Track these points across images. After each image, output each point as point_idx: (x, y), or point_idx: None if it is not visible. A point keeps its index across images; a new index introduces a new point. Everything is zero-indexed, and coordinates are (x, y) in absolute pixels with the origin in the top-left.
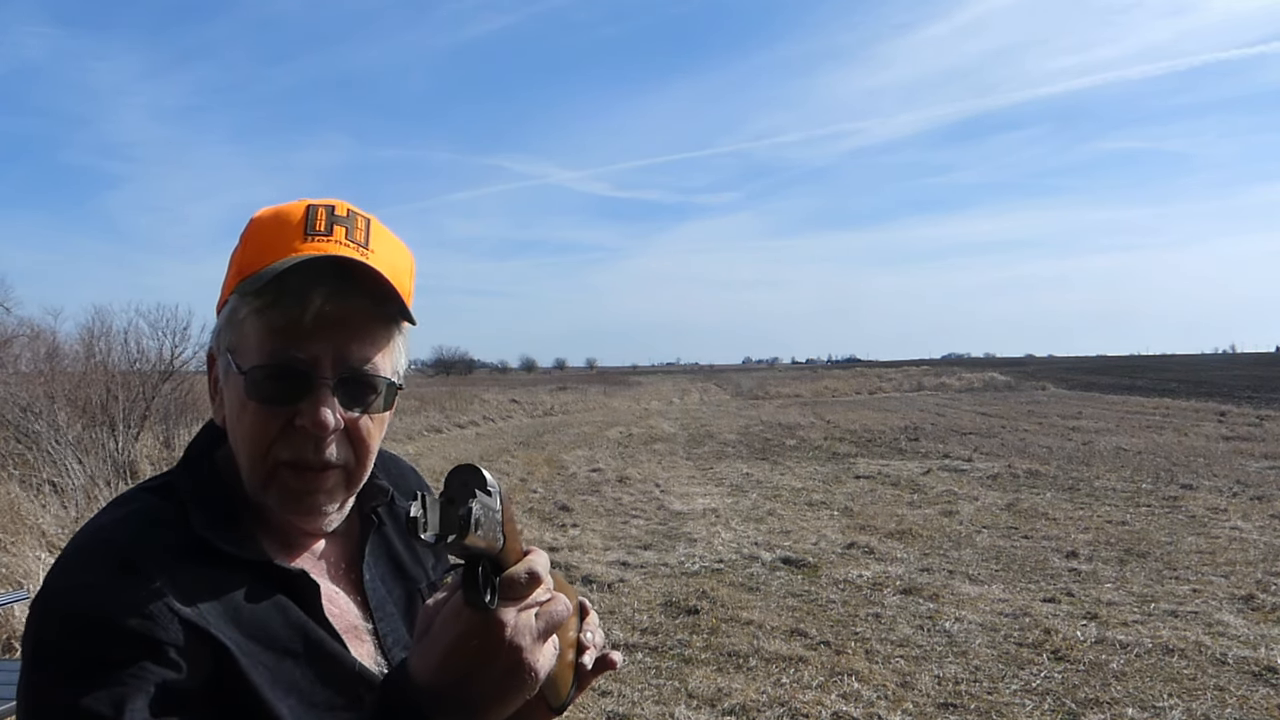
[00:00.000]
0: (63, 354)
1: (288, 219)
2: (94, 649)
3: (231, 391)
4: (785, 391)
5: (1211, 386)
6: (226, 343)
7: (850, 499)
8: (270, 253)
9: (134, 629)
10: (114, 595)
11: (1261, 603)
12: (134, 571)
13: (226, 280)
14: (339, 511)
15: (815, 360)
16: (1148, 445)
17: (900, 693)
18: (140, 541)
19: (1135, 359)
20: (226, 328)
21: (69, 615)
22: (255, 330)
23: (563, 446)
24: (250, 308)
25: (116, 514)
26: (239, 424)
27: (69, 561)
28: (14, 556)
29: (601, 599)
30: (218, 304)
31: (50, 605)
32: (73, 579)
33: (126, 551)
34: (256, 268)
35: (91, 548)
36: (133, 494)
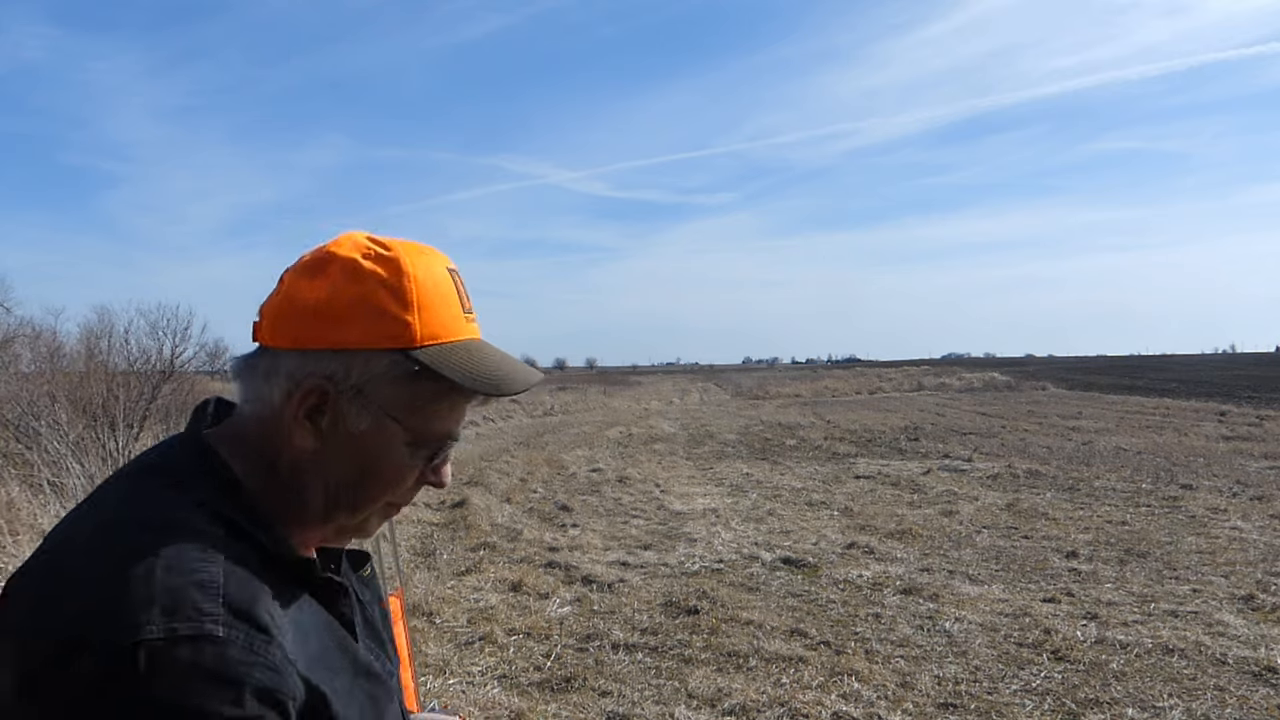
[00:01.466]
0: (63, 354)
1: (443, 285)
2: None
3: (379, 439)
4: (785, 391)
5: (1211, 386)
6: (386, 399)
7: (850, 499)
8: (448, 330)
9: (270, 689)
10: (253, 652)
11: (1261, 603)
12: (254, 622)
13: (362, 320)
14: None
15: (815, 360)
16: (1148, 445)
17: (900, 693)
18: (243, 584)
19: (1135, 359)
20: (391, 385)
21: (213, 676)
22: (443, 407)
23: (563, 446)
24: (444, 387)
25: (183, 541)
26: (374, 467)
27: (168, 604)
28: (14, 557)
29: (601, 599)
30: (332, 336)
31: (181, 662)
32: (192, 628)
33: (236, 598)
34: (442, 340)
35: (191, 589)
36: (168, 508)
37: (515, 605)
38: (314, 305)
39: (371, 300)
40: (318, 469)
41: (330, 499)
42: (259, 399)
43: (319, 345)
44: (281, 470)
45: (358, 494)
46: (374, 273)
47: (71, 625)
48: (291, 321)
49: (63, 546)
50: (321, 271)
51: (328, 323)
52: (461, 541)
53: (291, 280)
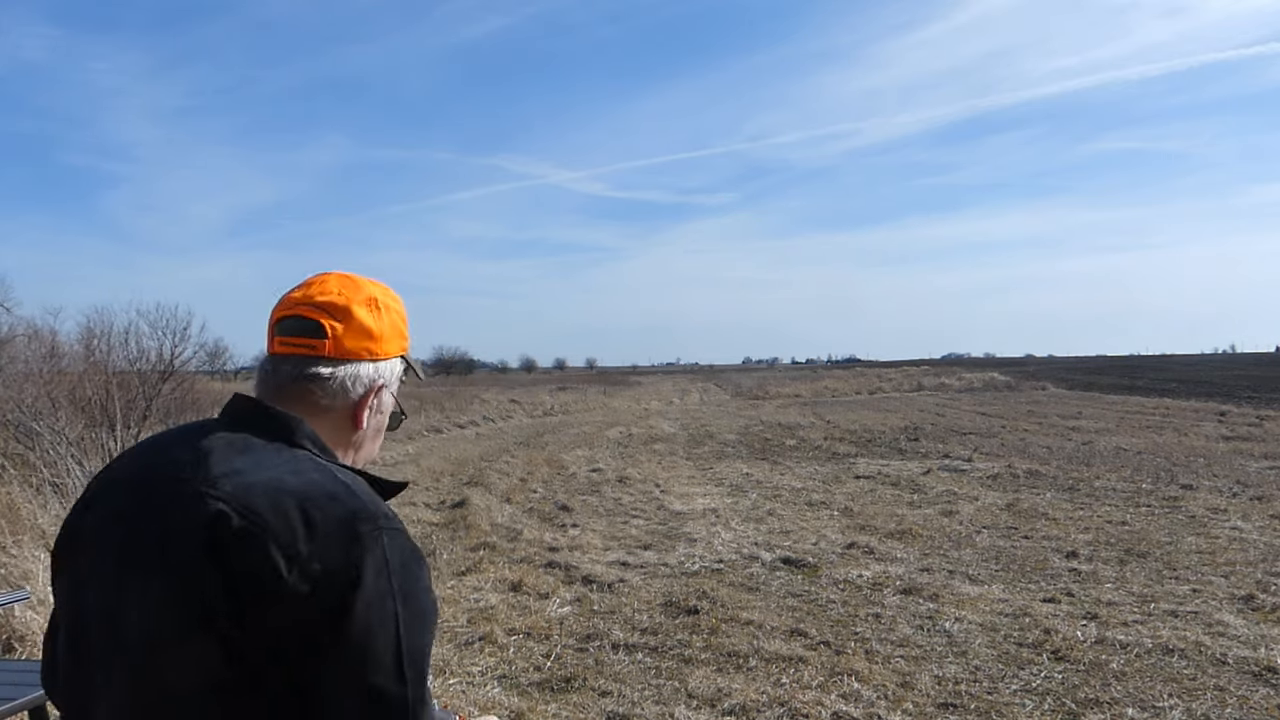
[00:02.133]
0: (62, 354)
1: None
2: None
3: (386, 414)
4: (785, 391)
5: (1211, 386)
6: (395, 386)
7: (850, 499)
8: (407, 342)
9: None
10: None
11: (1261, 603)
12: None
13: (394, 340)
14: None
15: (815, 360)
16: (1148, 445)
17: (900, 693)
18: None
19: (1135, 359)
20: (399, 380)
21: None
22: (400, 388)
23: (563, 446)
24: (409, 377)
25: (357, 480)
26: (381, 429)
27: (384, 507)
28: (14, 557)
29: (601, 599)
30: (383, 351)
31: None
32: (398, 525)
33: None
34: (408, 348)
35: (380, 504)
36: (316, 463)
37: (515, 605)
38: (380, 331)
39: (398, 326)
40: (360, 437)
41: (355, 452)
42: (343, 396)
43: (380, 357)
44: (340, 438)
45: (371, 447)
46: (397, 309)
47: (360, 513)
48: (367, 342)
49: (279, 476)
50: (379, 308)
51: (383, 342)
52: (461, 541)
53: (356, 313)
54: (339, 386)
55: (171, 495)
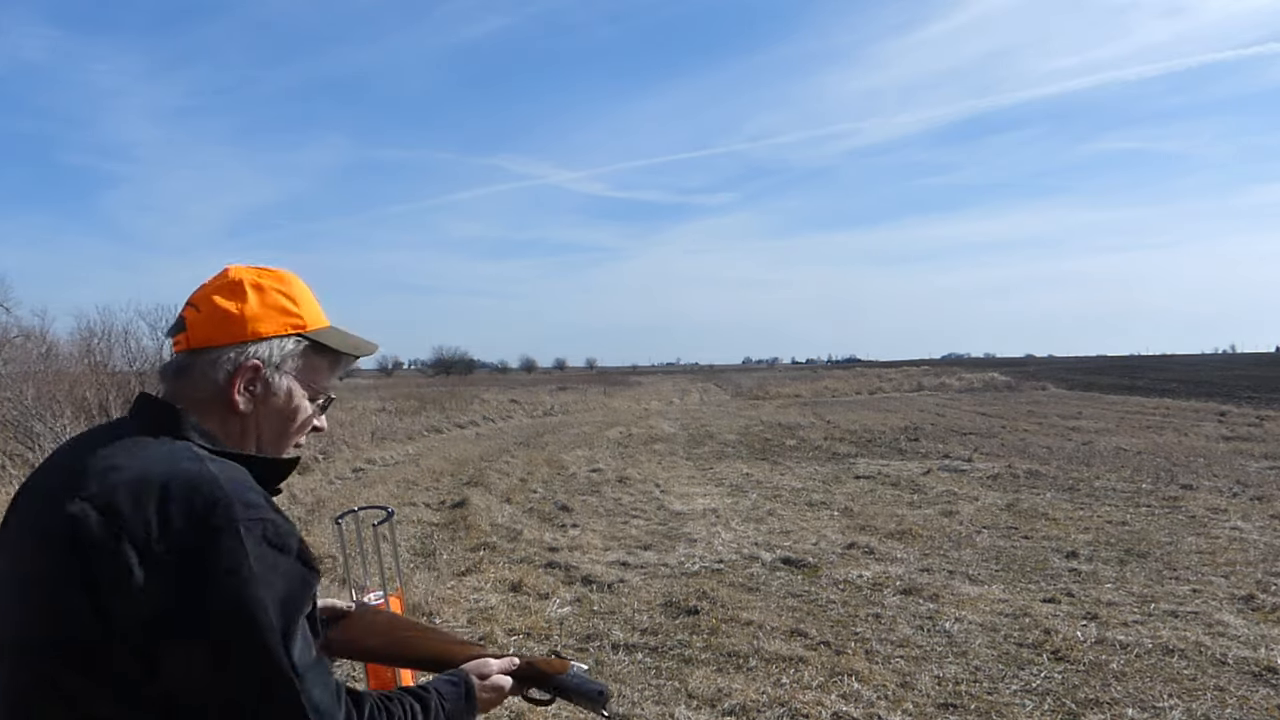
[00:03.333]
0: (62, 354)
1: (308, 291)
2: (308, 577)
3: (289, 396)
4: (785, 391)
5: (1211, 386)
6: (292, 367)
7: (850, 499)
8: (320, 319)
9: (307, 550)
10: (292, 528)
11: (1261, 603)
12: (281, 512)
13: (270, 319)
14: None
15: (815, 360)
16: (1148, 445)
17: (900, 693)
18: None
19: (1135, 359)
20: (293, 358)
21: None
22: (325, 371)
23: (563, 446)
24: (328, 359)
25: (222, 466)
26: (290, 417)
27: (242, 499)
28: None
29: (601, 599)
30: (250, 331)
31: (281, 526)
32: (260, 512)
33: (270, 497)
34: (319, 326)
35: (249, 492)
36: (191, 449)
37: (515, 605)
38: (239, 314)
39: (276, 303)
40: (251, 423)
41: (260, 441)
42: (206, 383)
43: (248, 338)
44: (229, 428)
45: (279, 436)
46: (272, 285)
47: (195, 525)
48: (223, 326)
49: (153, 466)
50: (238, 292)
51: (250, 321)
52: (461, 542)
53: (214, 300)
54: (200, 375)
55: (48, 500)
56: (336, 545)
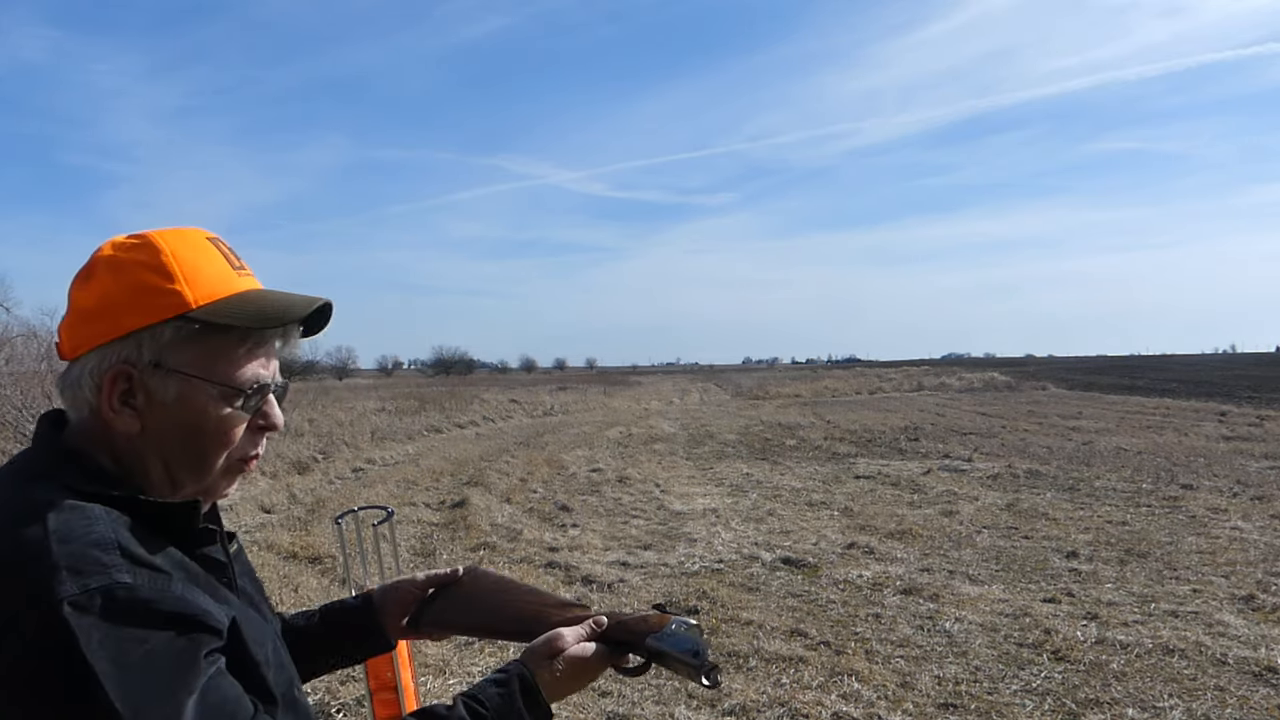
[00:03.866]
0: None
1: (204, 251)
2: (191, 640)
3: (184, 401)
4: (785, 391)
5: (1211, 386)
6: (179, 361)
7: (850, 499)
8: (221, 288)
9: (186, 614)
10: (159, 589)
11: (1261, 603)
12: (150, 565)
13: (131, 306)
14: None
15: (815, 360)
16: (1148, 445)
17: (900, 693)
18: (129, 537)
19: (1135, 359)
20: (176, 350)
21: (155, 611)
22: (242, 354)
23: (563, 446)
24: (239, 338)
25: (64, 514)
26: (198, 428)
27: (72, 566)
28: None
29: (601, 599)
30: (110, 328)
31: (130, 603)
32: (102, 579)
33: (129, 549)
34: (215, 296)
35: (89, 549)
36: (40, 494)
37: None
38: (93, 307)
39: (139, 283)
40: (150, 446)
41: (170, 470)
42: (81, 403)
43: (109, 338)
44: (124, 457)
45: (194, 457)
46: (133, 260)
47: (6, 611)
48: (80, 328)
49: None
50: (90, 276)
51: (109, 316)
52: (461, 541)
53: (70, 294)
54: (70, 396)
55: None
56: (336, 545)
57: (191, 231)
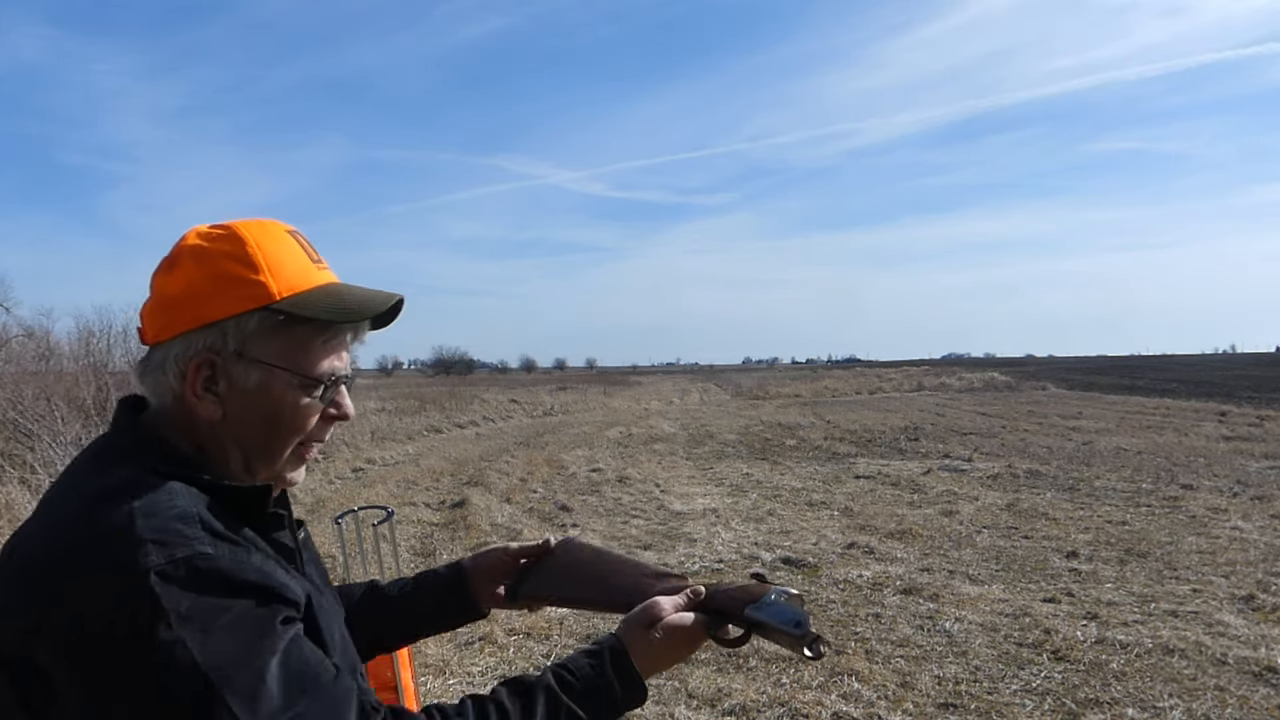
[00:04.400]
0: (61, 354)
1: (285, 244)
2: (271, 608)
3: (264, 389)
4: (785, 391)
5: (1211, 386)
6: (262, 351)
7: (850, 499)
8: (302, 281)
9: (265, 585)
10: (238, 560)
11: (1261, 603)
12: (229, 539)
13: (218, 294)
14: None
15: (815, 360)
16: (1148, 445)
17: (900, 693)
18: (210, 513)
19: (1135, 359)
20: (260, 340)
21: (237, 580)
22: (320, 346)
23: (563, 446)
24: (318, 329)
25: (148, 492)
26: (277, 415)
27: (157, 539)
28: None
29: None
30: (195, 315)
31: (213, 572)
32: (186, 549)
33: (210, 523)
34: (298, 288)
35: (171, 521)
36: (125, 474)
37: None
38: (179, 294)
39: (226, 273)
40: (229, 433)
41: (246, 455)
42: (163, 389)
43: (194, 325)
44: (204, 442)
45: (270, 443)
46: (218, 250)
47: (89, 593)
48: (165, 315)
49: (53, 528)
50: (175, 265)
51: (194, 304)
52: (461, 541)
53: (154, 281)
54: (152, 381)
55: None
56: (337, 545)
57: (271, 224)
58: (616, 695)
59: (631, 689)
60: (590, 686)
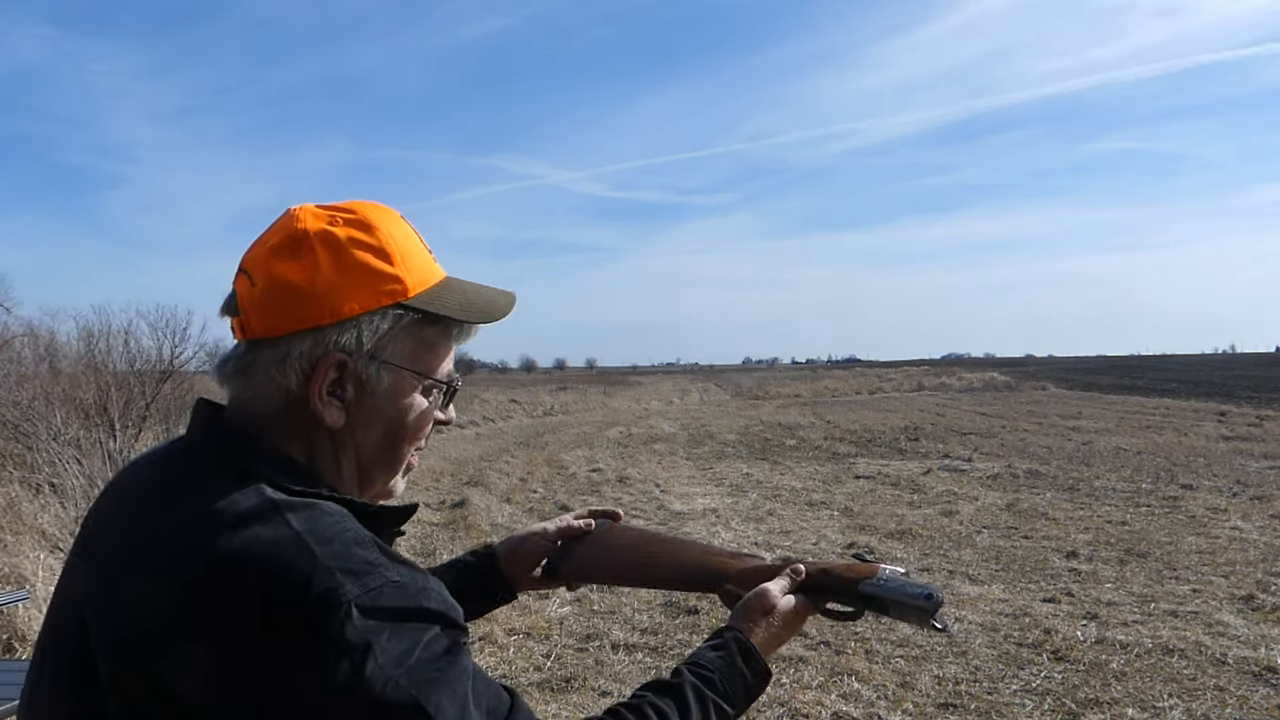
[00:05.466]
0: (62, 354)
1: (409, 233)
2: (456, 630)
3: (395, 394)
4: (785, 391)
5: (1211, 386)
6: (393, 353)
7: (850, 499)
8: (429, 275)
9: (447, 611)
10: (420, 585)
11: (1261, 603)
12: (403, 560)
13: (356, 288)
14: None
15: (815, 360)
16: (1148, 445)
17: (900, 693)
18: (373, 533)
19: (1135, 359)
20: (394, 340)
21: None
22: (444, 347)
23: (563, 446)
24: (444, 328)
25: (308, 513)
26: (401, 422)
27: (345, 568)
28: (14, 556)
29: (601, 599)
30: (329, 309)
31: (419, 598)
32: (379, 578)
33: (383, 545)
34: (427, 283)
35: (352, 547)
36: (262, 494)
37: (515, 605)
38: (304, 284)
39: (360, 264)
40: (348, 442)
41: (364, 464)
42: (274, 390)
43: (325, 321)
44: (318, 450)
45: (392, 451)
46: (351, 237)
47: (280, 637)
48: (286, 307)
49: (178, 566)
50: (299, 250)
51: (326, 298)
52: (461, 542)
53: (269, 266)
54: (265, 377)
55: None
56: None
57: (389, 209)
58: (750, 684)
59: (760, 676)
60: (726, 679)
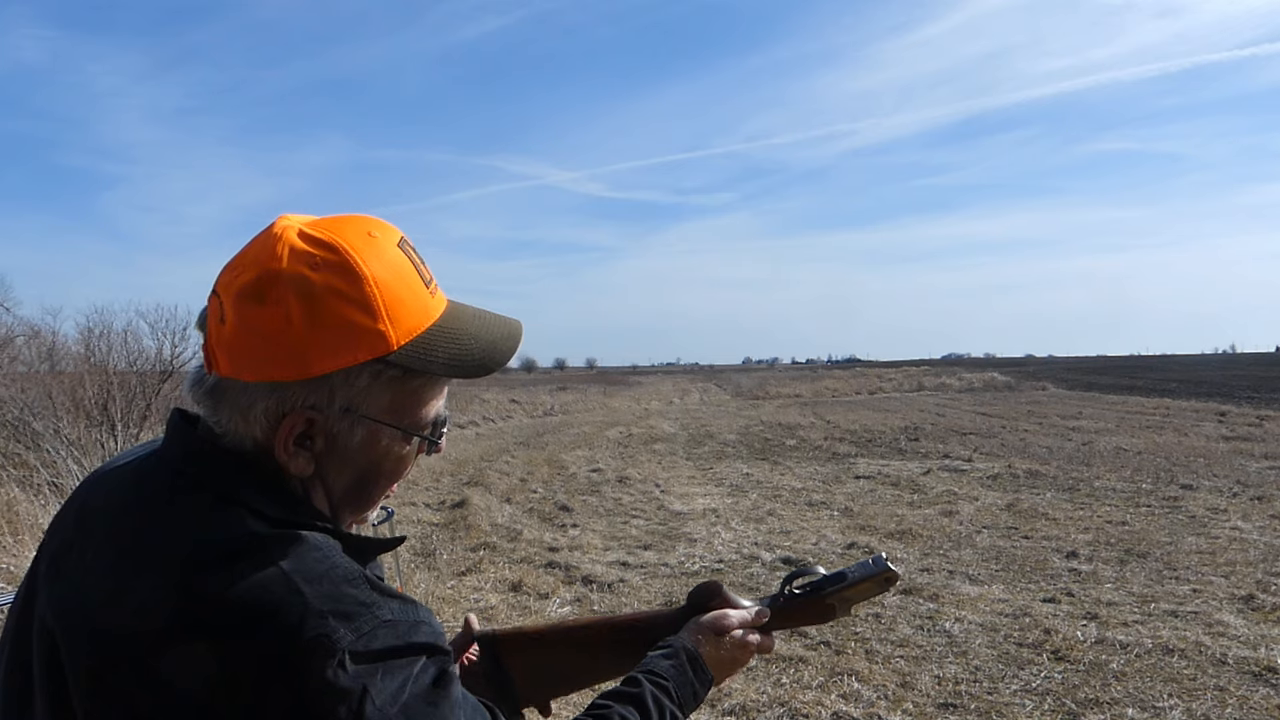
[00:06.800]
0: (62, 354)
1: (402, 270)
2: (444, 659)
3: (369, 444)
4: (785, 391)
5: (1211, 386)
6: (374, 409)
7: (850, 499)
8: (421, 319)
9: (439, 642)
10: (412, 620)
11: (1261, 603)
12: (394, 594)
13: (331, 348)
14: None
15: (815, 360)
16: (1148, 445)
17: (900, 693)
18: (360, 566)
19: (1135, 359)
20: (372, 396)
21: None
22: (431, 393)
23: (563, 446)
24: (428, 378)
25: (293, 546)
26: (376, 469)
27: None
28: (14, 557)
29: (601, 599)
30: (307, 366)
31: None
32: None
33: (372, 579)
34: (417, 331)
35: (341, 585)
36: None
37: (515, 605)
38: (274, 335)
39: (337, 318)
40: (320, 482)
41: (335, 505)
42: (242, 431)
43: (289, 378)
44: (292, 486)
45: (365, 495)
46: (329, 286)
47: (275, 665)
48: (253, 355)
49: (153, 604)
50: (268, 295)
51: (297, 355)
52: (461, 542)
53: (239, 309)
54: (231, 416)
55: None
56: None
57: (382, 234)
58: (697, 693)
59: (705, 687)
60: (679, 687)
